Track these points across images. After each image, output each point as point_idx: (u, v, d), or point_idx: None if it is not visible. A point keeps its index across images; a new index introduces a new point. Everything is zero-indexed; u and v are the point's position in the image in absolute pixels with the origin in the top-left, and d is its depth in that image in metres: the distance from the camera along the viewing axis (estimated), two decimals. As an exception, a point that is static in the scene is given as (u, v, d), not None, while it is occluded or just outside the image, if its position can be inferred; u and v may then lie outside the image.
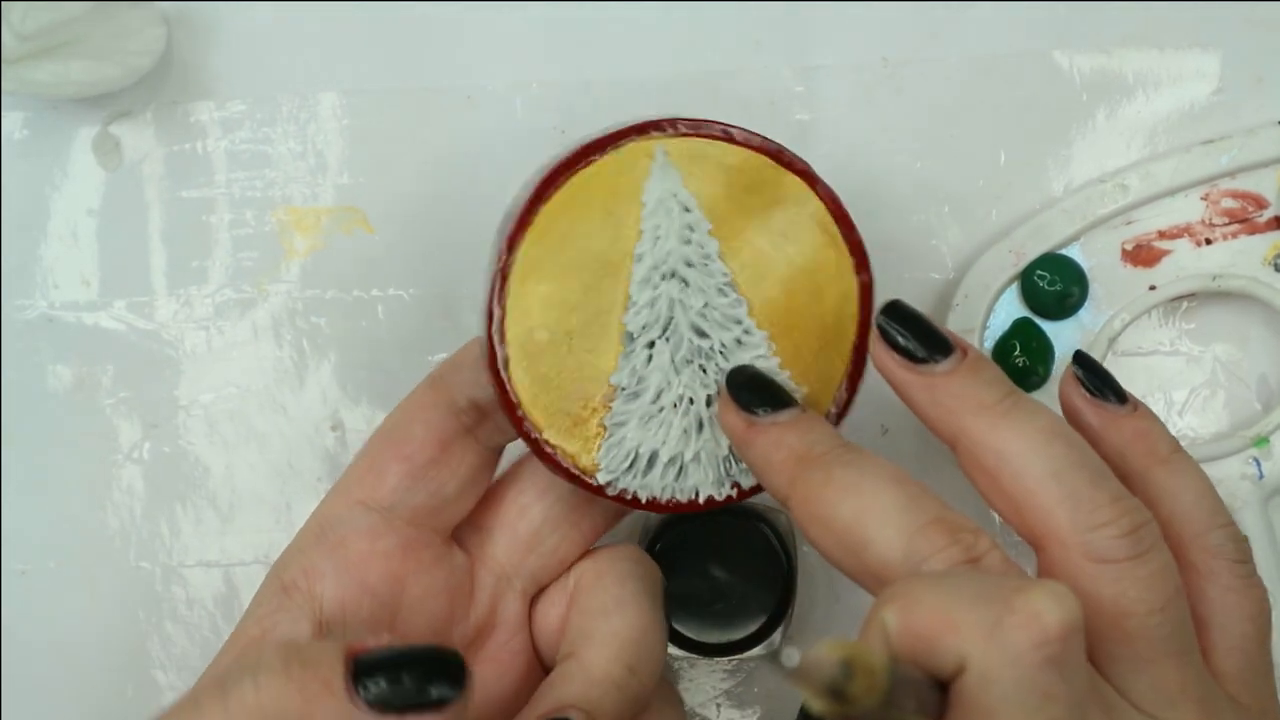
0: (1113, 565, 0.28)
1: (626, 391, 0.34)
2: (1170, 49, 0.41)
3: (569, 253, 0.33)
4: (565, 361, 0.33)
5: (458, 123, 0.42)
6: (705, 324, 0.34)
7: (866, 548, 0.29)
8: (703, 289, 0.34)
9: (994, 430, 0.30)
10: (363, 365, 0.42)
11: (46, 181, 0.42)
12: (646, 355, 0.34)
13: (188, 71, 0.42)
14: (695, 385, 0.34)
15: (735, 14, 0.42)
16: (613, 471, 0.34)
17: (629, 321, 0.34)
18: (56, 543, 0.42)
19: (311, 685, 0.28)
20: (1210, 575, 0.31)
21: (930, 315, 0.32)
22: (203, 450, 0.42)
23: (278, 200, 0.42)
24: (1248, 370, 0.41)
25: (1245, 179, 0.40)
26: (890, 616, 0.26)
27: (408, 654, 0.28)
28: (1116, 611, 0.28)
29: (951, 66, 0.41)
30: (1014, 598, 0.25)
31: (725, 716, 0.41)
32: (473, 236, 0.41)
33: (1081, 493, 0.29)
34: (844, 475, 0.30)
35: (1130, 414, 0.32)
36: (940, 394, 0.31)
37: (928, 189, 0.41)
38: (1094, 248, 0.40)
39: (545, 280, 0.33)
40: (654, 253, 0.33)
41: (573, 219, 0.33)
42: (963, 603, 0.26)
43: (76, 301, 0.42)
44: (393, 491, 0.34)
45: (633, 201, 0.33)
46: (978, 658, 0.25)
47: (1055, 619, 0.25)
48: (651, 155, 0.33)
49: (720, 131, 0.34)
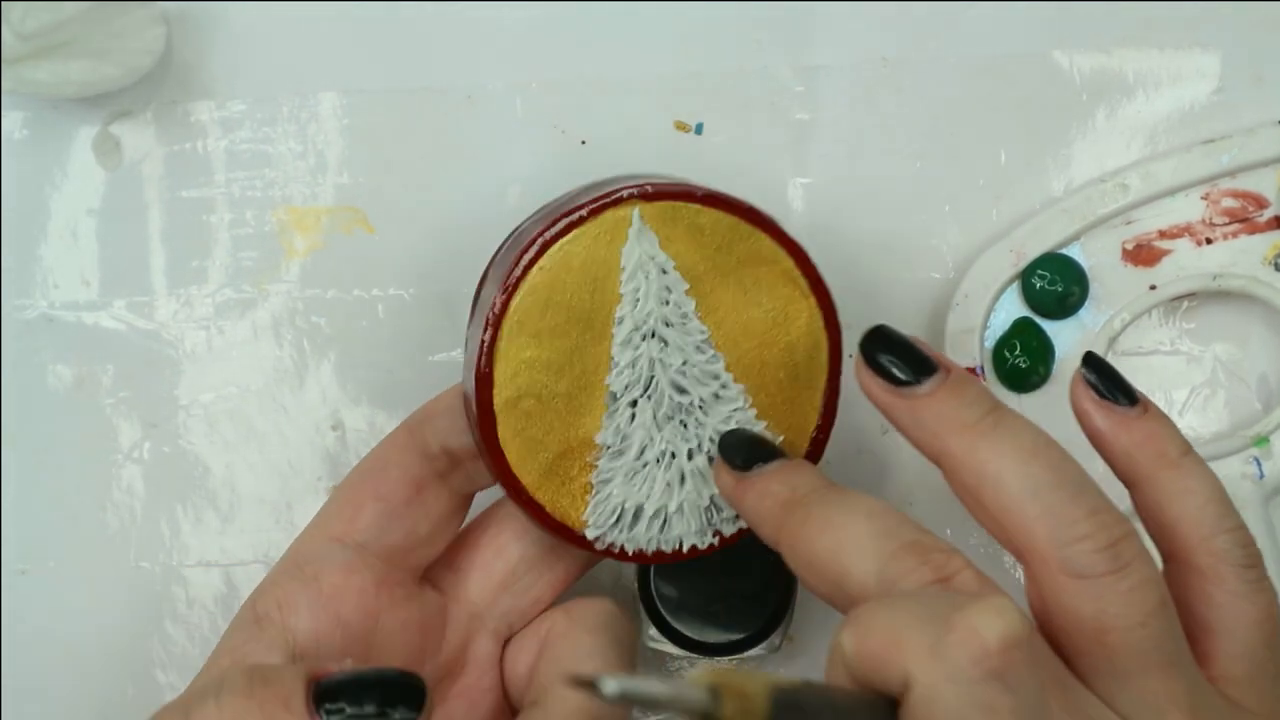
0: (1092, 580, 0.28)
1: (611, 450, 0.35)
2: (1170, 49, 0.41)
3: (553, 318, 0.34)
4: (552, 423, 0.35)
5: (458, 123, 0.42)
6: (685, 381, 0.35)
7: (845, 577, 0.30)
8: (681, 347, 0.35)
9: (974, 450, 0.30)
10: (363, 365, 0.42)
11: (46, 181, 0.42)
12: (629, 414, 0.35)
13: (188, 71, 0.42)
14: (677, 440, 0.35)
15: (735, 14, 0.42)
16: (600, 527, 0.35)
17: (612, 382, 0.35)
18: (56, 543, 0.42)
19: (271, 704, 0.28)
20: (1216, 580, 0.31)
21: (914, 336, 0.32)
22: (203, 450, 0.42)
23: (278, 200, 0.42)
24: (1248, 370, 0.41)
25: (1245, 179, 0.40)
26: (846, 640, 0.27)
27: (369, 677, 0.29)
28: (1098, 626, 0.28)
29: (951, 66, 0.41)
30: (954, 615, 0.26)
31: (725, 716, 0.41)
32: (473, 236, 0.42)
33: (1059, 508, 0.29)
34: (822, 512, 0.31)
35: (1140, 416, 0.32)
36: (923, 415, 0.31)
37: (928, 189, 0.41)
38: (1094, 247, 0.40)
39: (531, 346, 0.34)
40: (634, 315, 0.35)
41: (555, 286, 0.34)
42: (908, 623, 0.26)
43: (76, 301, 0.42)
44: (367, 529, 0.35)
45: (612, 266, 0.35)
46: (921, 675, 0.25)
47: (994, 634, 0.25)
48: (628, 220, 0.34)
49: (689, 192, 0.35)
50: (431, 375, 0.41)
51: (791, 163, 0.41)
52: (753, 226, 0.35)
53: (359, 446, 0.42)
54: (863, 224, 0.41)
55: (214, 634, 0.41)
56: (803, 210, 0.41)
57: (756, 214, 0.35)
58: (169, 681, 0.41)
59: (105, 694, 0.41)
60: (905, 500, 0.41)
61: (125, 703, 0.41)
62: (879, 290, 0.41)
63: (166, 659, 0.41)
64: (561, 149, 0.42)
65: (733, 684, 0.23)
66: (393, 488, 0.35)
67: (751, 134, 0.41)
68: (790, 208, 0.41)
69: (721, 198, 0.35)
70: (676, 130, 0.42)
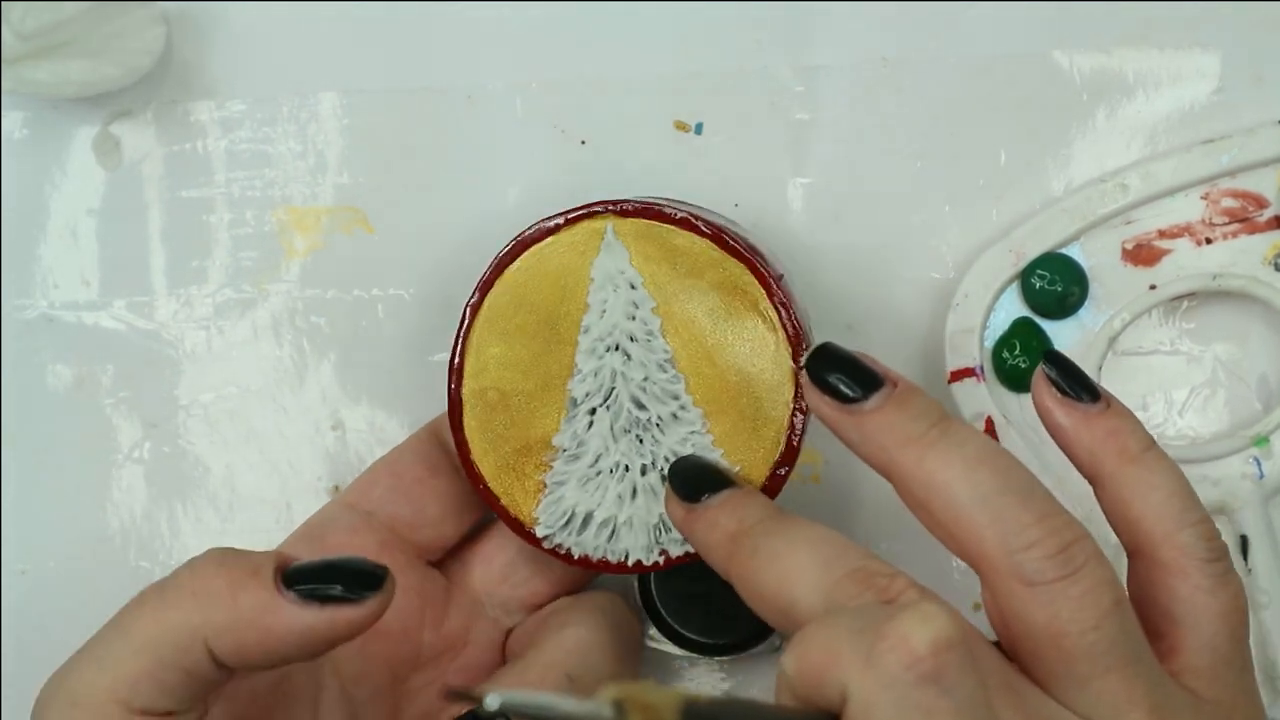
0: (1043, 587, 0.28)
1: (567, 453, 0.36)
2: (1170, 49, 0.41)
3: (522, 319, 0.36)
4: (514, 419, 0.36)
5: (458, 123, 0.42)
6: (644, 397, 0.36)
7: (793, 608, 0.30)
8: (644, 363, 0.36)
9: (921, 462, 0.30)
10: (363, 365, 0.42)
11: (46, 181, 0.42)
12: (588, 421, 0.36)
13: (188, 71, 0.42)
14: (631, 453, 0.36)
15: (735, 14, 0.41)
16: (550, 527, 0.36)
17: (573, 388, 0.36)
18: (56, 543, 0.42)
19: (239, 571, 0.30)
20: (1181, 574, 0.31)
21: (860, 351, 0.32)
22: (203, 450, 0.42)
23: (278, 200, 0.42)
24: (1248, 370, 0.41)
25: (1245, 178, 0.40)
26: (787, 662, 0.27)
27: (336, 564, 0.30)
28: (1052, 632, 0.28)
29: (951, 66, 0.41)
30: (885, 624, 0.26)
31: (725, 716, 0.41)
32: (473, 236, 0.42)
33: (1007, 516, 0.29)
34: (768, 544, 0.31)
35: (1102, 412, 0.32)
36: (869, 431, 0.31)
37: (928, 189, 0.41)
38: (1094, 247, 0.40)
39: (500, 343, 0.36)
40: (599, 325, 0.36)
41: (528, 289, 0.36)
42: (842, 636, 0.26)
43: (76, 301, 0.42)
44: (378, 499, 0.37)
45: (582, 276, 0.36)
46: (855, 686, 0.26)
47: (924, 638, 0.25)
48: (601, 233, 0.36)
49: (662, 213, 0.36)
50: (431, 375, 0.41)
51: (791, 163, 0.41)
52: (725, 254, 0.36)
53: (359, 446, 0.42)
54: (863, 224, 0.41)
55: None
56: (803, 210, 0.41)
57: (729, 242, 0.36)
58: (169, 681, 0.41)
59: (105, 694, 0.41)
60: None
61: (125, 703, 0.41)
62: (879, 290, 0.41)
63: (166, 659, 0.41)
64: (561, 149, 0.42)
65: (639, 698, 0.22)
66: (406, 467, 0.38)
67: (751, 134, 0.41)
68: (790, 208, 0.41)
69: (696, 221, 0.36)
70: (676, 130, 0.42)
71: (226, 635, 0.29)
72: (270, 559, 0.30)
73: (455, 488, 0.38)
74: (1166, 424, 0.41)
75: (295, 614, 0.29)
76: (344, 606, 0.30)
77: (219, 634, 0.29)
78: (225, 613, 0.29)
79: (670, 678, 0.41)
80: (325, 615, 0.29)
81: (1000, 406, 0.39)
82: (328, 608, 0.29)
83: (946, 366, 0.40)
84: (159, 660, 0.30)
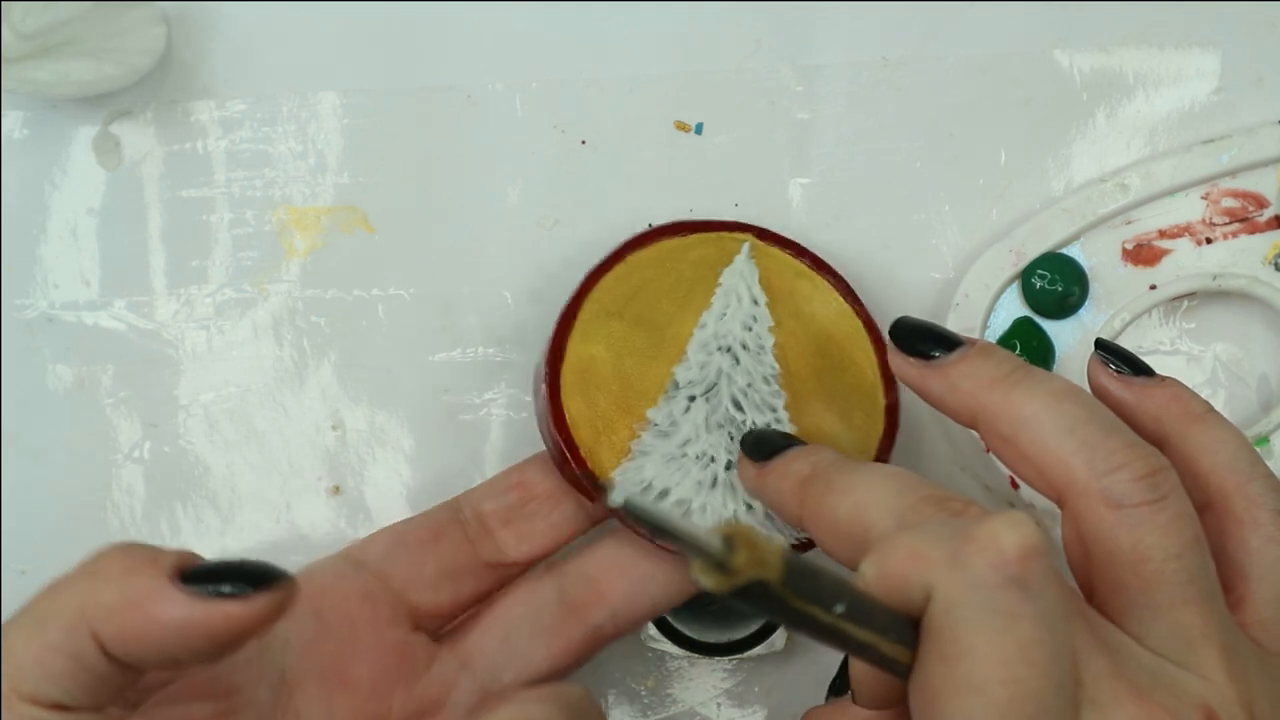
0: (1130, 510, 0.29)
1: (659, 429, 0.36)
2: (1170, 48, 0.41)
3: (643, 301, 0.37)
4: (610, 383, 0.37)
5: (458, 123, 0.42)
6: (744, 400, 0.37)
7: (867, 535, 0.30)
8: (750, 371, 0.37)
9: (1007, 399, 0.31)
10: (363, 365, 0.42)
11: (46, 181, 0.42)
12: (685, 405, 0.37)
13: (188, 71, 0.42)
14: (720, 447, 0.37)
15: (735, 14, 0.42)
16: (626, 489, 0.36)
17: (679, 373, 0.37)
18: (56, 543, 0.42)
19: (138, 558, 0.29)
20: (1253, 525, 0.31)
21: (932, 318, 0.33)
22: (203, 450, 0.42)
23: (278, 200, 0.42)
24: (1248, 370, 0.41)
25: (1245, 178, 0.40)
26: (867, 567, 0.27)
27: (234, 562, 0.29)
28: (1135, 558, 0.29)
29: (951, 66, 0.41)
30: (972, 528, 0.26)
31: (725, 716, 0.41)
32: (473, 236, 0.42)
33: (1096, 441, 0.30)
34: (841, 479, 0.32)
35: (1160, 383, 0.33)
36: (955, 379, 0.32)
37: (928, 189, 0.41)
38: (1094, 247, 0.40)
39: (616, 315, 0.37)
40: (718, 325, 0.37)
41: (655, 274, 0.38)
42: (928, 540, 0.27)
43: (76, 301, 0.42)
44: (376, 554, 0.36)
45: (711, 277, 0.38)
46: (941, 584, 0.26)
47: (1012, 542, 0.26)
48: (738, 247, 0.38)
49: (803, 251, 0.38)
50: (431, 375, 0.41)
51: (791, 163, 0.41)
52: (846, 303, 0.38)
53: (359, 446, 0.42)
54: (863, 224, 0.41)
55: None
56: (803, 210, 0.41)
57: (854, 294, 0.38)
58: (169, 681, 0.41)
59: (105, 694, 0.41)
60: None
61: (125, 703, 0.41)
62: (879, 290, 0.41)
63: (166, 659, 0.41)
64: (561, 149, 0.42)
65: (748, 536, 0.23)
66: (412, 527, 0.37)
67: (751, 134, 0.41)
68: (790, 208, 0.41)
69: (825, 266, 0.38)
70: (676, 130, 0.42)
71: (111, 619, 0.28)
72: (175, 553, 0.29)
73: (460, 555, 0.37)
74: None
75: (179, 603, 0.28)
76: (229, 601, 0.28)
77: (104, 616, 0.28)
78: (113, 594, 0.29)
79: (669, 677, 0.41)
80: (207, 607, 0.28)
81: (1000, 406, 0.39)
82: (212, 601, 0.28)
83: (947, 366, 0.40)
84: (46, 643, 0.29)
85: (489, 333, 0.41)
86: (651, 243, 0.38)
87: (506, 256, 0.41)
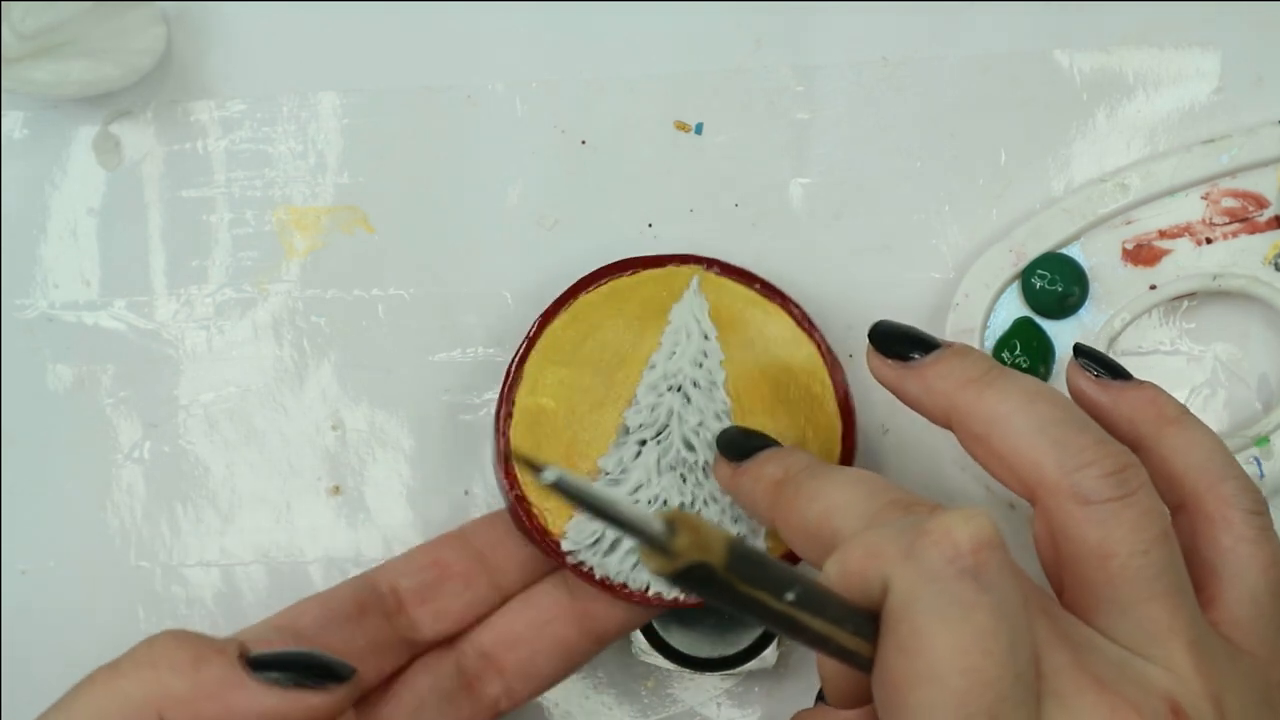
0: (1098, 506, 0.29)
1: (609, 477, 0.37)
2: (1170, 48, 0.41)
3: (592, 343, 0.37)
4: (561, 434, 0.37)
5: (458, 123, 0.42)
6: (696, 440, 0.37)
7: (834, 539, 0.31)
8: (702, 409, 0.37)
9: (981, 398, 0.31)
10: (363, 365, 0.42)
11: (46, 181, 0.42)
12: (636, 451, 0.37)
13: (188, 71, 0.42)
14: (672, 490, 0.37)
15: (735, 14, 0.42)
16: (577, 543, 0.36)
17: (629, 417, 0.37)
18: (56, 543, 0.42)
19: (204, 647, 0.29)
20: (1225, 524, 0.31)
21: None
22: (203, 450, 0.42)
23: (278, 200, 0.42)
24: (1248, 370, 0.41)
25: (1245, 178, 0.40)
26: (830, 566, 0.27)
27: (303, 653, 0.30)
28: (1102, 553, 0.29)
29: (951, 66, 0.41)
30: (927, 522, 0.26)
31: (725, 716, 0.41)
32: (473, 236, 0.42)
33: (1066, 438, 0.30)
34: (811, 484, 0.32)
35: (1137, 386, 0.34)
36: (930, 379, 0.33)
37: (928, 189, 0.41)
38: (1094, 247, 0.40)
39: (564, 363, 0.37)
40: (666, 365, 0.37)
41: (603, 315, 0.37)
42: (886, 536, 0.27)
43: (76, 301, 0.42)
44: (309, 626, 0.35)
45: (660, 315, 0.37)
46: (897, 577, 0.26)
47: (965, 534, 0.26)
48: (687, 282, 0.38)
49: (752, 280, 0.38)
50: (431, 375, 0.41)
51: (791, 163, 0.41)
52: (800, 331, 0.38)
53: (359, 446, 0.42)
54: (863, 224, 0.41)
55: (213, 633, 0.41)
56: (803, 210, 0.41)
57: (805, 317, 0.38)
58: (169, 681, 0.41)
59: (105, 694, 0.41)
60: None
61: (125, 703, 0.41)
62: (879, 290, 0.41)
63: (166, 659, 0.41)
64: (561, 149, 0.42)
65: (691, 521, 0.23)
66: (337, 600, 0.36)
67: (751, 134, 0.41)
68: (790, 208, 0.41)
69: (776, 292, 0.38)
70: (676, 130, 0.42)
71: (183, 708, 0.29)
72: (236, 641, 0.30)
73: (381, 631, 0.36)
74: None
75: (258, 693, 0.29)
76: (311, 693, 0.29)
77: (176, 706, 0.29)
78: (185, 684, 0.29)
79: (669, 677, 0.41)
80: (289, 698, 0.29)
81: (1000, 406, 0.39)
82: (293, 691, 0.29)
83: (946, 366, 0.40)
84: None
85: (489, 333, 0.41)
86: (600, 283, 0.38)
87: (506, 256, 0.41)
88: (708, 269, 0.38)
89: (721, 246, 0.40)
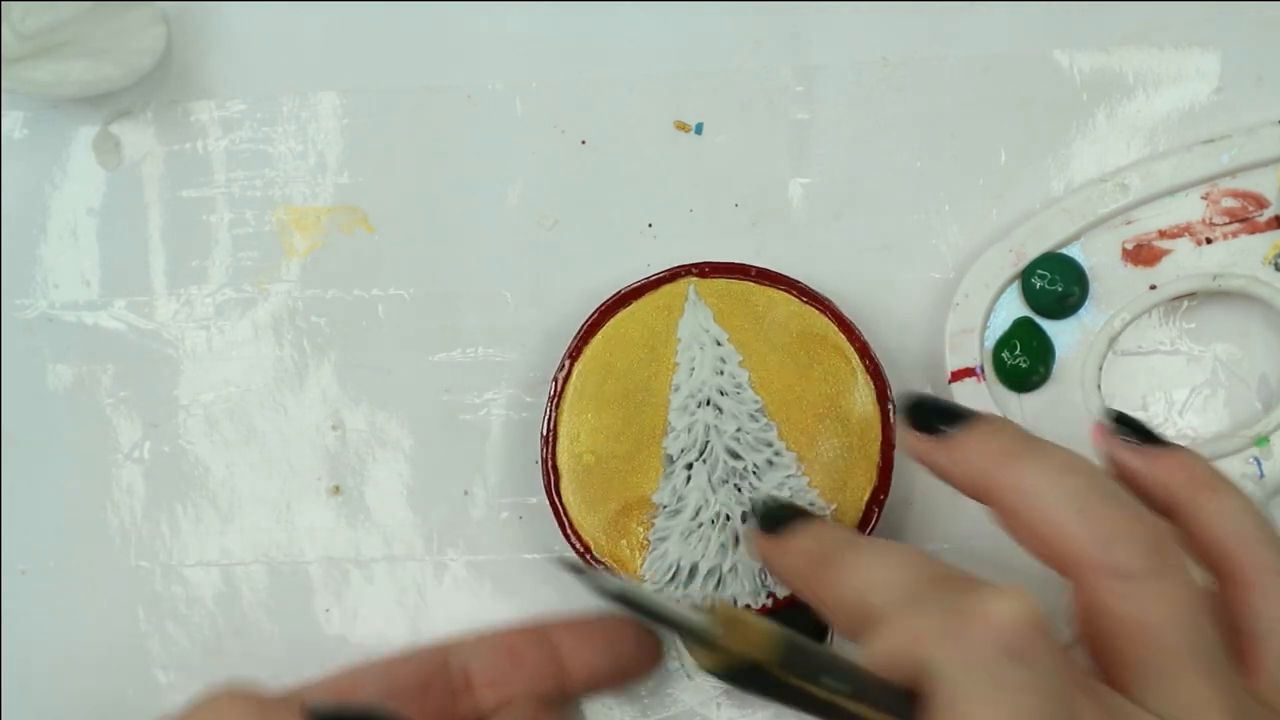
0: (1133, 581, 0.29)
1: (668, 509, 0.37)
2: (1170, 48, 0.41)
3: (613, 385, 0.38)
4: (610, 482, 0.37)
5: (458, 123, 0.42)
6: (739, 447, 0.37)
7: (872, 616, 0.30)
8: (735, 415, 0.37)
9: (1013, 472, 0.31)
10: (363, 365, 0.42)
11: (46, 181, 0.42)
12: (685, 476, 0.37)
13: (188, 71, 0.42)
14: (731, 503, 0.37)
15: (735, 14, 0.42)
16: (657, 582, 0.37)
17: (668, 445, 0.37)
18: (56, 543, 0.42)
19: (267, 703, 0.29)
20: (1260, 589, 0.31)
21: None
22: (203, 450, 0.42)
23: (278, 200, 0.42)
24: (1248, 369, 0.41)
25: (1245, 178, 0.40)
26: (869, 645, 0.27)
27: (361, 707, 0.30)
28: (1138, 626, 0.29)
29: (951, 66, 0.41)
30: (969, 601, 0.26)
31: (725, 715, 0.41)
32: (473, 236, 0.42)
33: (1100, 513, 0.30)
34: (850, 559, 0.32)
35: (1170, 451, 0.33)
36: (962, 453, 0.32)
37: (928, 189, 0.41)
38: (1094, 247, 0.40)
39: (591, 410, 0.38)
40: (689, 383, 0.37)
41: (615, 355, 0.38)
42: (927, 617, 0.27)
43: (76, 301, 0.42)
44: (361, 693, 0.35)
45: (668, 336, 0.38)
46: (941, 660, 0.26)
47: (1009, 616, 0.26)
48: (684, 295, 0.38)
49: (743, 269, 0.38)
50: (431, 375, 0.41)
51: (791, 163, 0.41)
52: (803, 303, 0.38)
53: (359, 446, 0.42)
54: (863, 224, 0.41)
55: (214, 633, 0.41)
56: (803, 210, 0.41)
57: (808, 291, 0.38)
58: (169, 681, 0.41)
59: (105, 694, 0.41)
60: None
61: (125, 703, 0.41)
62: (879, 290, 0.41)
63: (166, 659, 0.41)
64: (561, 149, 0.42)
65: (740, 617, 0.23)
66: (403, 673, 0.36)
67: (751, 134, 0.41)
68: (790, 208, 0.41)
69: (774, 275, 0.38)
70: (676, 130, 0.42)
71: None
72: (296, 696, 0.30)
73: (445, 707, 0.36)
74: (1167, 424, 0.41)
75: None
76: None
77: None
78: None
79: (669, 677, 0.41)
80: None
81: (1001, 406, 0.39)
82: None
83: (947, 366, 0.40)
84: None
85: (489, 333, 0.41)
86: (601, 326, 0.38)
87: (506, 256, 0.41)
88: (700, 275, 0.38)
89: (721, 246, 0.40)
